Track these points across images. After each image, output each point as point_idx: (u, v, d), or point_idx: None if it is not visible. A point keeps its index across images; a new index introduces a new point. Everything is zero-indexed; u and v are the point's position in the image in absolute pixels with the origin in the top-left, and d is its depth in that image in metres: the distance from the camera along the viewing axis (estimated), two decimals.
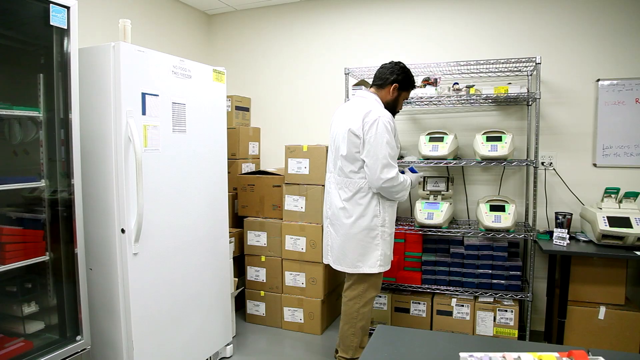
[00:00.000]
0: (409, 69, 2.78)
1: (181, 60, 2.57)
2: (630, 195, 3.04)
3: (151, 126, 2.36)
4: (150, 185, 2.36)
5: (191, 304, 2.72)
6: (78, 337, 2.13)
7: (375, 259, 2.66)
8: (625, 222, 2.88)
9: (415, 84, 2.86)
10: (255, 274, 3.70)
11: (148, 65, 2.33)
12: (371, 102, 2.67)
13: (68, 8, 2.00)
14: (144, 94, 2.30)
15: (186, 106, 2.61)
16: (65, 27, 2.00)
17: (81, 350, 2.13)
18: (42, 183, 2.06)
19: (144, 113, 2.31)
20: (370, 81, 3.70)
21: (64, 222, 2.11)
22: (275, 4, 4.27)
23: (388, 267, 2.75)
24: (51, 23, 1.95)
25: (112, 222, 2.26)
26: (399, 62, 2.77)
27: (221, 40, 4.57)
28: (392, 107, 2.77)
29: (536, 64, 3.07)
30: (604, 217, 2.93)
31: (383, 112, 2.60)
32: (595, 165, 3.43)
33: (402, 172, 2.77)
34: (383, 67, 2.78)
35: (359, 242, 2.66)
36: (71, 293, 2.13)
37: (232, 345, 3.15)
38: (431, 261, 3.41)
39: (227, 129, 3.07)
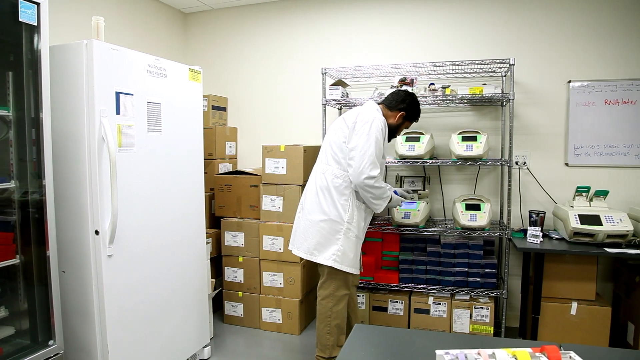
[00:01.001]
0: (418, 102, 2.89)
1: (156, 59, 2.53)
2: (600, 194, 3.12)
3: (126, 126, 2.32)
4: (125, 186, 2.32)
5: (168, 305, 2.68)
6: (50, 342, 2.08)
7: (331, 253, 2.65)
8: (595, 219, 2.95)
9: (418, 118, 2.95)
10: (233, 274, 3.67)
11: (122, 63, 2.29)
12: (373, 109, 2.75)
13: (38, 4, 1.95)
14: (118, 93, 2.26)
15: (162, 106, 2.57)
16: (35, 24, 1.95)
17: (54, 355, 2.08)
18: (11, 184, 2.00)
19: (118, 112, 2.27)
20: (347, 81, 3.74)
21: (35, 224, 2.06)
22: (252, 3, 4.24)
23: (347, 269, 2.67)
24: (20, 19, 1.90)
25: (86, 224, 2.22)
26: (413, 94, 2.88)
27: (197, 39, 4.52)
28: (392, 131, 2.86)
29: (510, 65, 3.13)
30: (575, 215, 3.00)
31: (381, 117, 2.69)
32: (567, 164, 3.51)
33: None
34: (397, 93, 2.86)
35: (320, 231, 2.68)
36: (43, 297, 2.08)
37: (209, 346, 3.12)
38: (408, 260, 3.44)
39: (204, 128, 3.04)
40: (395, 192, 2.98)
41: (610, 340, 3.06)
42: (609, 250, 2.85)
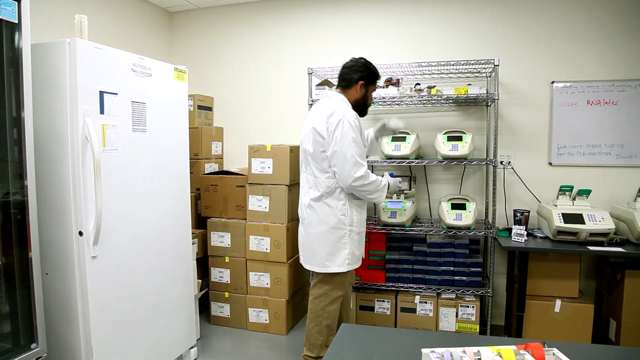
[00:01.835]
0: (370, 63, 2.77)
1: (141, 58, 2.51)
2: (583, 193, 3.16)
3: (110, 125, 2.29)
4: (109, 186, 2.30)
5: (153, 307, 2.66)
6: (33, 345, 2.05)
7: (344, 258, 2.67)
8: (578, 218, 2.99)
9: (380, 75, 2.84)
10: (219, 275, 3.65)
11: (106, 62, 2.27)
12: (337, 102, 2.68)
13: (19, 1, 1.91)
14: (102, 93, 2.24)
15: (146, 105, 2.55)
16: (16, 22, 1.92)
17: (37, 359, 2.05)
18: None
19: (102, 112, 2.24)
20: (334, 81, 3.73)
21: (17, 226, 2.02)
22: (238, 2, 4.23)
23: (358, 265, 2.77)
24: (0, 17, 1.86)
25: (69, 225, 2.19)
26: (360, 59, 2.77)
27: (183, 38, 4.49)
28: (363, 104, 2.79)
29: (495, 65, 3.16)
30: (558, 213, 3.04)
31: (348, 111, 2.61)
32: (550, 164, 3.56)
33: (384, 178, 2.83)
34: (345, 67, 2.78)
35: (327, 241, 2.66)
36: (25, 299, 2.05)
37: (196, 348, 3.10)
38: (395, 259, 3.45)
39: (189, 128, 3.02)
40: (391, 175, 2.93)
41: (593, 337, 3.11)
42: (591, 248, 2.89)
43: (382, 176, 2.79)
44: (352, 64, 2.76)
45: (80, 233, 2.18)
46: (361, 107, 2.78)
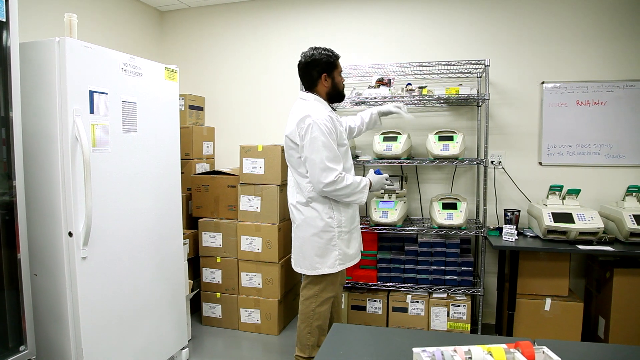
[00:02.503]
0: (322, 49, 2.64)
1: (131, 57, 2.49)
2: (573, 192, 3.19)
3: (100, 125, 2.28)
4: (99, 187, 2.28)
5: (144, 308, 2.64)
6: (22, 347, 2.03)
7: (334, 259, 2.65)
8: (568, 217, 3.02)
9: (337, 54, 2.69)
10: (211, 275, 3.64)
11: (96, 62, 2.25)
12: (310, 105, 2.61)
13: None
14: (91, 92, 2.22)
15: (137, 105, 2.53)
16: (4, 20, 1.90)
17: None
18: None
19: (92, 112, 2.23)
20: None
21: (6, 226, 2.00)
22: (229, 2, 4.21)
23: (354, 261, 2.75)
24: None
25: (59, 226, 2.17)
26: (307, 53, 2.65)
27: (174, 38, 4.46)
28: (336, 92, 2.71)
29: (485, 66, 3.18)
30: (548, 213, 3.06)
31: (320, 114, 2.51)
32: (541, 163, 3.58)
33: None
34: (300, 68, 2.68)
35: (316, 244, 2.64)
36: (14, 301, 2.03)
37: (187, 349, 3.08)
38: (386, 259, 3.46)
39: (181, 128, 3.00)
40: (377, 172, 2.79)
41: (583, 335, 3.13)
42: (581, 247, 2.92)
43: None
44: (304, 62, 2.65)
45: (70, 234, 2.16)
46: (336, 95, 2.71)
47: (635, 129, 3.40)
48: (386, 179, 2.78)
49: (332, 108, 2.73)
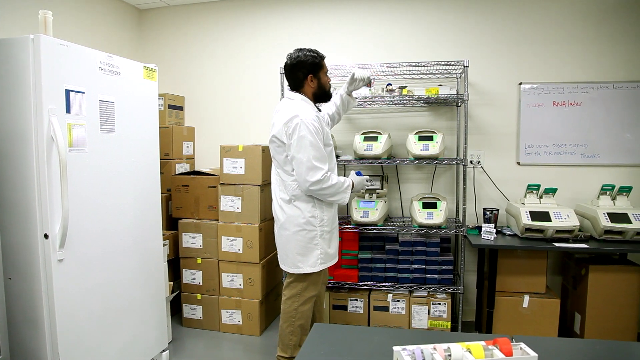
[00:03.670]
0: (307, 50, 2.66)
1: (109, 56, 2.46)
2: (549, 191, 3.25)
3: (76, 125, 2.24)
4: (76, 188, 2.24)
5: (123, 310, 2.60)
6: None
7: (316, 258, 2.66)
8: (545, 216, 3.07)
9: (323, 55, 2.72)
10: (191, 276, 3.60)
11: (72, 60, 2.21)
12: (297, 104, 2.63)
13: None
14: (67, 91, 2.18)
15: (115, 104, 2.50)
16: None
17: None
18: None
19: (68, 111, 2.19)
20: None
21: None
22: (209, 0, 4.18)
23: (334, 261, 2.77)
24: None
25: (34, 227, 2.13)
26: (293, 54, 2.68)
27: (153, 36, 4.41)
28: (322, 92, 2.74)
29: (464, 67, 3.21)
30: (526, 211, 3.11)
31: (307, 113, 2.53)
32: (518, 163, 3.64)
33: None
34: (286, 69, 2.71)
35: (298, 243, 2.65)
36: None
37: (168, 351, 3.05)
38: (367, 258, 3.47)
39: (160, 128, 2.97)
40: (358, 173, 2.83)
41: (559, 330, 3.20)
42: (557, 245, 2.97)
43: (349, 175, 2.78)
44: (290, 63, 2.67)
45: (46, 236, 2.12)
46: (322, 95, 2.74)
47: (609, 129, 3.48)
48: (367, 180, 2.84)
49: (317, 108, 2.74)
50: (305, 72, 2.65)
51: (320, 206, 2.66)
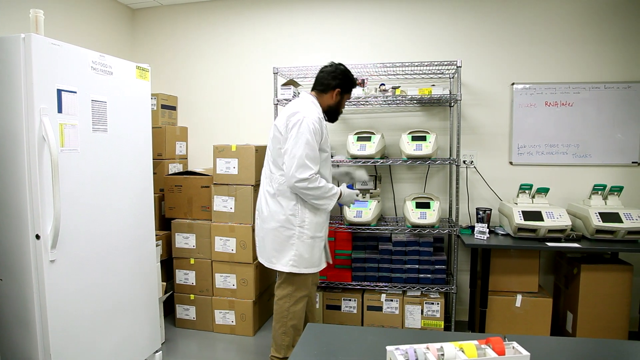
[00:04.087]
0: (348, 71, 2.78)
1: (101, 55, 2.44)
2: (542, 191, 3.27)
3: (68, 125, 2.22)
4: (68, 188, 2.23)
5: (116, 311, 2.59)
6: None
7: (288, 259, 2.64)
8: (537, 215, 3.09)
9: (356, 84, 2.84)
10: (185, 277, 3.59)
11: (64, 59, 2.19)
12: (305, 103, 2.66)
13: None
14: (59, 91, 2.17)
15: (107, 104, 2.48)
16: None
17: None
18: None
19: (60, 111, 2.17)
20: (299, 81, 3.74)
21: None
22: (203, 0, 4.17)
23: (306, 270, 2.67)
24: None
25: (25, 228, 2.11)
26: (339, 65, 2.77)
27: (146, 36, 4.39)
28: (335, 110, 2.81)
29: (457, 67, 3.22)
30: (519, 211, 3.13)
31: (312, 113, 2.57)
32: (511, 163, 3.66)
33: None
34: (323, 71, 2.76)
35: (275, 238, 2.66)
36: None
37: (161, 352, 3.03)
38: (361, 258, 3.48)
39: (153, 128, 2.96)
40: (349, 187, 2.91)
41: (552, 329, 3.22)
42: (550, 244, 2.99)
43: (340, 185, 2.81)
44: (332, 70, 2.74)
45: (38, 236, 2.10)
46: (333, 112, 2.80)
47: (600, 129, 3.51)
48: (357, 195, 2.85)
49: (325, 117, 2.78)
50: (337, 84, 2.72)
51: (303, 207, 2.64)
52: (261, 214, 2.76)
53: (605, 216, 3.03)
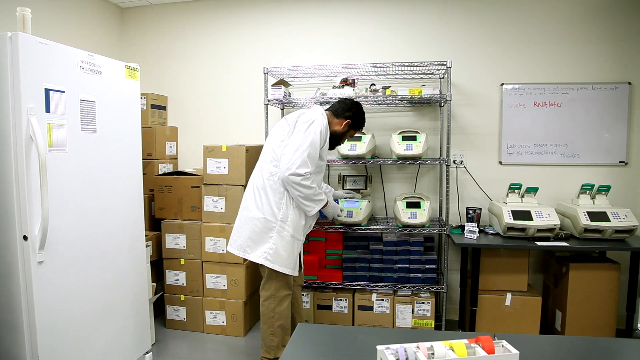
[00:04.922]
0: (364, 111, 2.91)
1: (90, 54, 2.42)
2: (531, 191, 3.29)
3: (57, 125, 2.20)
4: (57, 188, 2.20)
5: (105, 313, 2.57)
6: None
7: (263, 250, 2.66)
8: (526, 215, 3.11)
9: (364, 124, 2.96)
10: (175, 277, 3.57)
11: (52, 58, 2.17)
12: (318, 112, 2.74)
13: None
14: (47, 90, 2.14)
15: (96, 104, 2.46)
16: None
17: None
18: None
19: (48, 110, 2.15)
20: (289, 81, 3.73)
21: None
22: None
23: (280, 268, 2.66)
24: None
25: (13, 229, 2.08)
26: (359, 103, 2.89)
27: (135, 35, 4.36)
28: (337, 138, 2.87)
29: (447, 67, 3.24)
30: (508, 211, 3.15)
31: (322, 120, 2.68)
32: (501, 163, 3.68)
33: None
34: (343, 101, 2.88)
35: (253, 228, 2.68)
36: None
37: (151, 353, 3.01)
38: (351, 258, 3.48)
39: (142, 128, 2.94)
40: (336, 201, 3.01)
41: (541, 328, 3.24)
42: (539, 243, 3.01)
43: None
44: (351, 104, 2.87)
45: (25, 237, 2.08)
46: (335, 139, 2.86)
47: (588, 129, 3.54)
48: (340, 210, 3.03)
49: None
50: (349, 116, 2.83)
51: (289, 203, 2.67)
52: (245, 201, 2.78)
53: (593, 215, 3.06)
